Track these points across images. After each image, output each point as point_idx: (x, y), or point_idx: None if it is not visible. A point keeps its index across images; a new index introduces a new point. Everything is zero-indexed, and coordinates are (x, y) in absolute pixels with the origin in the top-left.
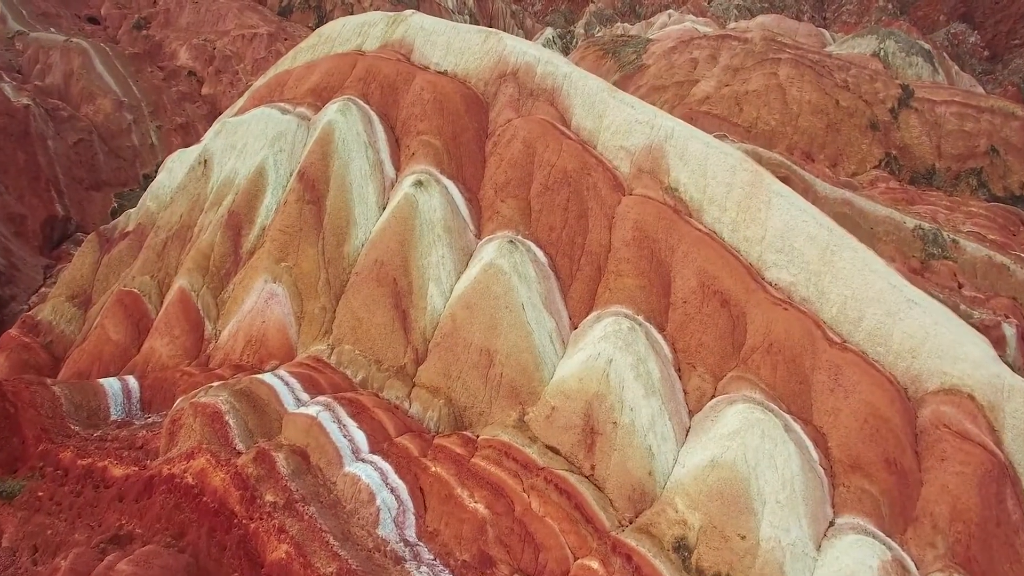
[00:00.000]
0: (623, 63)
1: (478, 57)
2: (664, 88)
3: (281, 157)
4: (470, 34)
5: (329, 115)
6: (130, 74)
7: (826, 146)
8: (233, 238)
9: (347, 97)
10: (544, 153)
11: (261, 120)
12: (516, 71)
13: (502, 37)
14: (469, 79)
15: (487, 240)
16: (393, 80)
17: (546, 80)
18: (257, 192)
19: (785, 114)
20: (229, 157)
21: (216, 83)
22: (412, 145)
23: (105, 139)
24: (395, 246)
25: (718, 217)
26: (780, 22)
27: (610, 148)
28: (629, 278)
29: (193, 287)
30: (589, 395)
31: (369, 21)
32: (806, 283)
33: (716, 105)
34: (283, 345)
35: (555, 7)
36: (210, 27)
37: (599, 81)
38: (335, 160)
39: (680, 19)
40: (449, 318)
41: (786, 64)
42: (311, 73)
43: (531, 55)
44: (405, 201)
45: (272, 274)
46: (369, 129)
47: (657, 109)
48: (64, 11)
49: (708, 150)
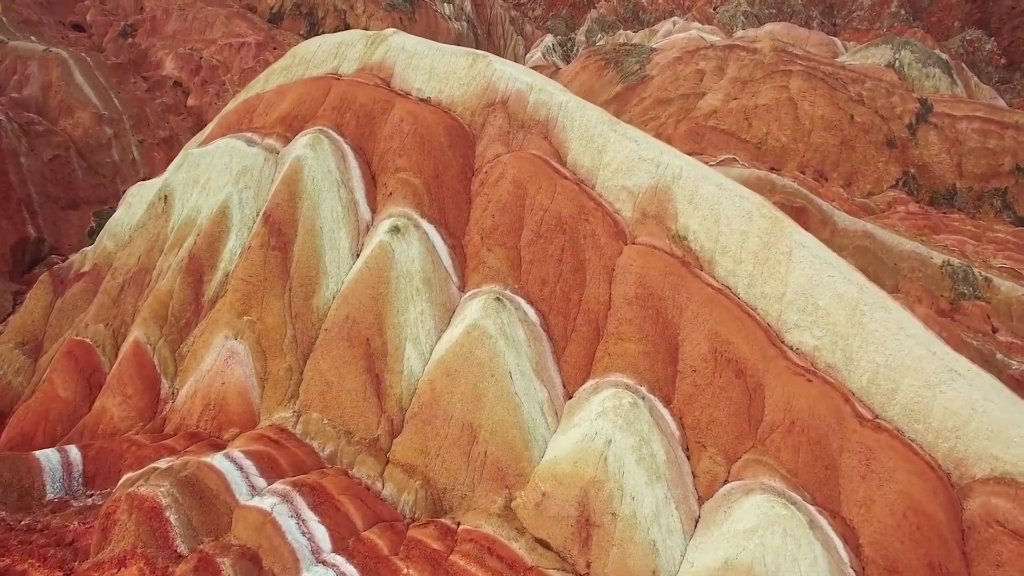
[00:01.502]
0: (626, 74)
1: (464, 83)
2: (669, 101)
3: (247, 195)
4: (455, 57)
5: (297, 150)
6: (112, 85)
7: (840, 164)
8: (194, 285)
9: (319, 128)
10: (536, 195)
11: (225, 153)
12: (506, 99)
13: (491, 61)
14: (454, 108)
15: (471, 295)
16: (370, 109)
17: (539, 110)
18: (220, 234)
19: (797, 130)
20: (191, 193)
21: (202, 94)
22: (390, 183)
23: (83, 154)
24: (368, 301)
25: (732, 270)
26: (790, 31)
27: (611, 188)
28: (631, 342)
29: (149, 339)
30: (585, 481)
31: (347, 41)
32: (832, 347)
33: (724, 120)
34: (244, 411)
35: (556, 12)
36: (197, 35)
37: (598, 112)
38: (304, 201)
39: (685, 27)
40: (428, 386)
41: (797, 76)
42: (282, 99)
43: (522, 82)
44: (380, 250)
45: (233, 329)
46: (342, 165)
47: (664, 145)
48: (48, 18)
49: (721, 193)
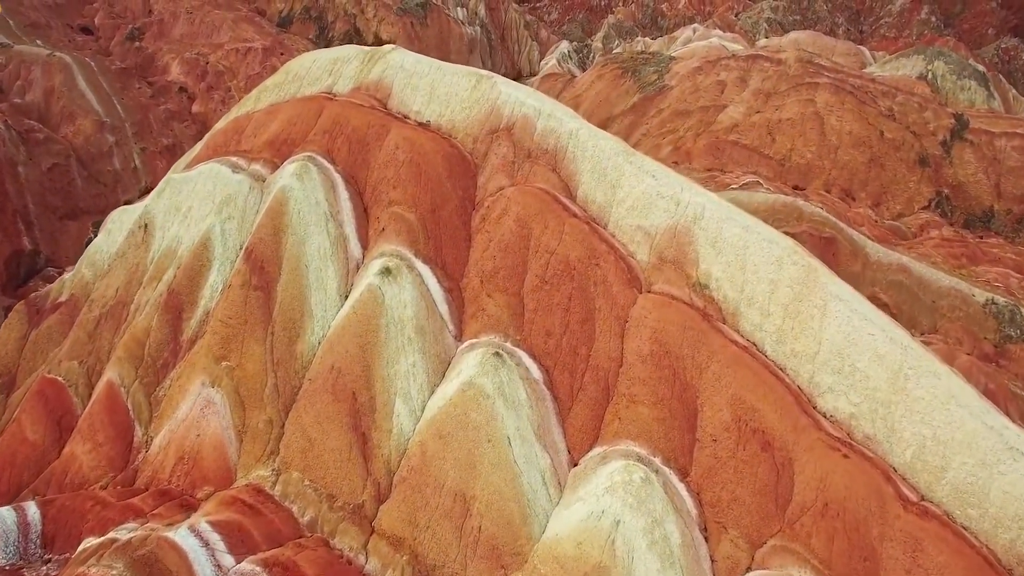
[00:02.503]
0: (643, 83)
1: (466, 106)
2: (688, 113)
3: (230, 226)
4: (458, 77)
5: (283, 179)
6: (115, 91)
7: (868, 183)
8: (172, 322)
9: (307, 155)
10: (542, 235)
11: (209, 179)
12: (511, 126)
13: (496, 82)
14: (455, 133)
15: (468, 346)
16: (364, 134)
17: (547, 138)
18: (201, 268)
19: (823, 146)
20: (172, 222)
21: (207, 100)
22: (383, 217)
23: (84, 163)
24: (355, 351)
25: (759, 324)
26: (815, 39)
27: (625, 228)
28: (644, 406)
29: (123, 381)
30: (589, 566)
31: (342, 57)
32: (872, 416)
33: (746, 134)
34: (220, 466)
35: (572, 17)
36: (204, 39)
37: (613, 141)
38: (289, 236)
39: (706, 34)
40: (418, 448)
41: (824, 89)
42: (272, 120)
43: (530, 106)
44: (369, 294)
45: (210, 376)
46: (332, 197)
47: (684, 180)
48: (56, 21)
49: (748, 236)
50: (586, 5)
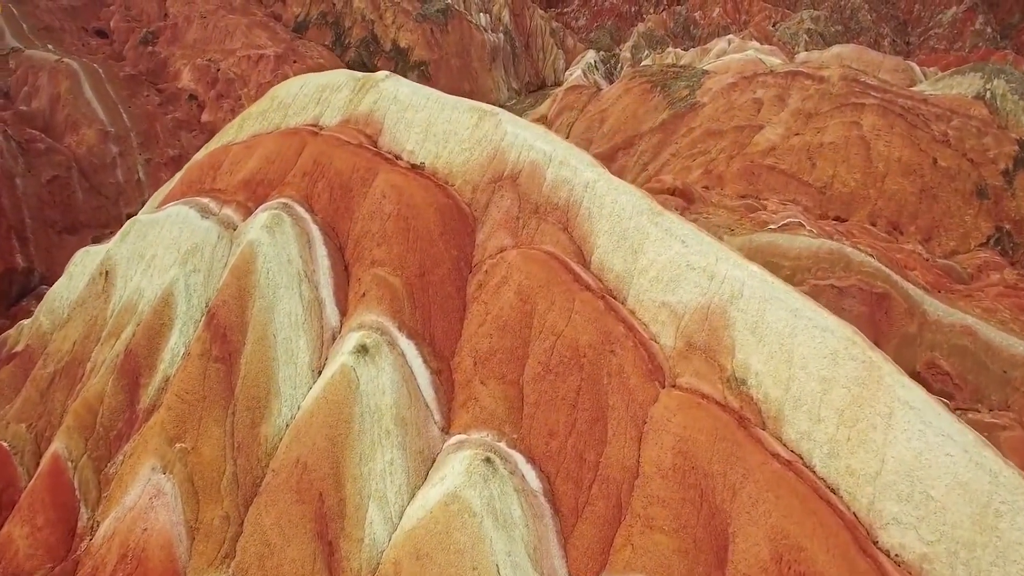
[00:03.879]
0: (674, 99)
1: (467, 147)
2: (721, 134)
3: (195, 280)
4: (457, 113)
5: (252, 232)
6: (122, 99)
7: (919, 216)
8: (129, 388)
9: (282, 202)
10: (547, 313)
11: (175, 224)
12: (517, 173)
13: (500, 120)
14: (452, 179)
15: (456, 444)
16: (347, 178)
17: (559, 190)
18: (162, 328)
19: (868, 174)
20: (135, 270)
21: (217, 109)
22: (364, 280)
23: (86, 174)
24: (324, 444)
25: (807, 432)
26: (860, 54)
27: (647, 304)
28: (663, 533)
29: (71, 454)
30: None
31: (331, 85)
32: (950, 560)
33: (783, 158)
34: (167, 569)
35: (600, 23)
36: (217, 45)
37: (636, 196)
38: (256, 299)
39: (741, 46)
40: (392, 567)
41: (871, 111)
42: (249, 155)
43: (539, 151)
44: (341, 377)
45: (162, 460)
46: (307, 253)
47: (721, 247)
48: (70, 24)
49: (796, 323)
50: (615, 11)
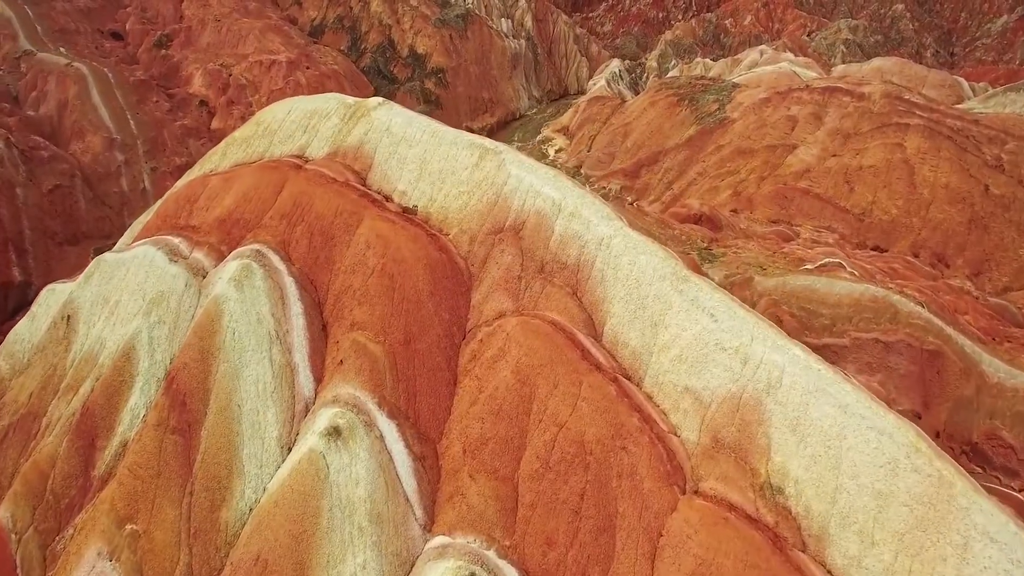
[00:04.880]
0: (701, 114)
1: (465, 190)
2: (752, 153)
3: (159, 333)
4: (456, 149)
5: (219, 286)
6: (130, 105)
7: (967, 248)
8: (83, 451)
9: (255, 249)
10: (549, 398)
11: (142, 267)
12: (520, 225)
13: (504, 160)
14: (447, 226)
15: (439, 550)
16: (329, 223)
17: (568, 247)
18: (121, 385)
19: (912, 200)
20: (99, 316)
21: (227, 116)
22: (343, 344)
23: (91, 183)
24: (287, 541)
25: (857, 557)
26: (903, 67)
27: (667, 387)
28: None
29: (16, 525)
30: None
31: (320, 111)
32: None
33: (818, 181)
34: None
35: (627, 29)
36: (230, 49)
37: (659, 257)
38: (220, 363)
39: (774, 58)
40: None
41: (916, 132)
42: (227, 189)
43: (547, 199)
44: (309, 464)
45: (109, 544)
46: (280, 310)
47: (758, 322)
48: (86, 26)
49: (846, 420)
50: (642, 17)
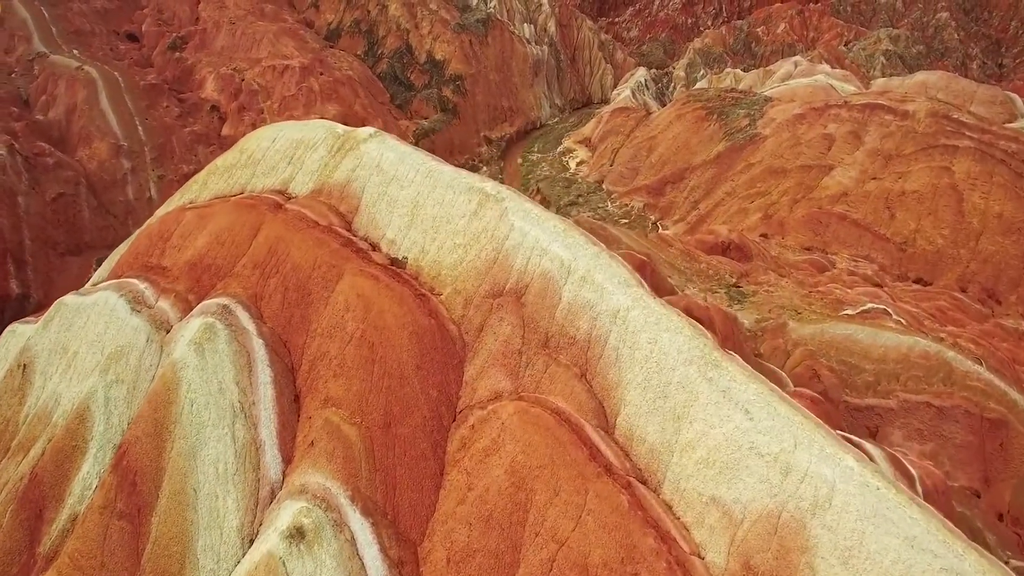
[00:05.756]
0: (731, 129)
1: (461, 242)
2: (784, 172)
3: (116, 394)
4: (453, 193)
5: (178, 350)
6: (140, 110)
7: (1022, 283)
8: (29, 524)
9: (222, 305)
10: (548, 507)
11: (102, 316)
12: (523, 288)
13: (507, 210)
14: (440, 284)
15: None
16: (306, 276)
17: (577, 318)
18: (74, 451)
19: (960, 230)
20: (56, 368)
21: (238, 122)
22: (316, 422)
23: (96, 191)
24: None
25: None
26: (949, 82)
27: (690, 496)
28: None
29: None
30: None
31: (307, 141)
32: None
33: (857, 206)
34: None
35: (654, 36)
36: (243, 53)
37: (685, 335)
38: (176, 439)
39: (809, 70)
40: None
41: (966, 155)
42: (201, 228)
43: (554, 258)
44: (267, 571)
45: None
46: (247, 378)
47: (803, 422)
48: (101, 27)
49: (914, 559)
50: (670, 23)
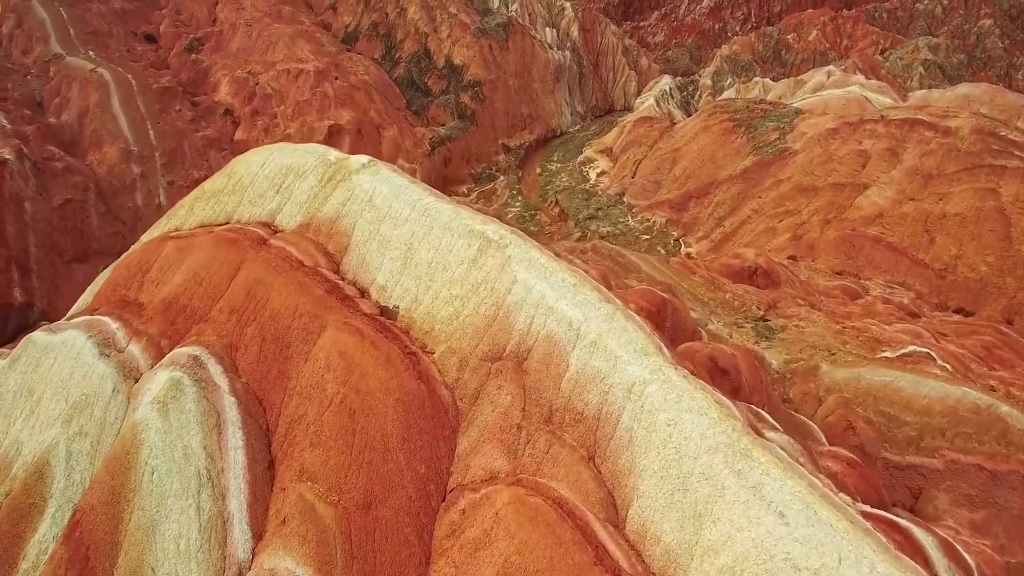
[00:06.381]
0: (759, 143)
1: (458, 294)
2: (815, 191)
3: (79, 448)
4: (451, 237)
5: (141, 410)
6: (152, 114)
7: None
8: None
9: (192, 356)
10: None
11: (68, 359)
12: (525, 353)
13: (510, 259)
14: (433, 340)
15: None
16: (285, 328)
17: (586, 391)
18: (31, 509)
19: (1007, 257)
20: (20, 412)
21: (251, 127)
22: (289, 495)
23: (105, 196)
24: None
25: None
26: (994, 95)
27: None
28: None
29: None
30: None
31: (297, 168)
32: None
33: (893, 229)
34: None
35: (680, 41)
36: (259, 55)
37: (710, 418)
38: (134, 510)
39: (843, 80)
40: None
41: (1014, 176)
42: (181, 262)
43: (562, 317)
44: None
45: None
46: (215, 441)
47: (848, 529)
48: (119, 28)
49: None
50: (697, 28)
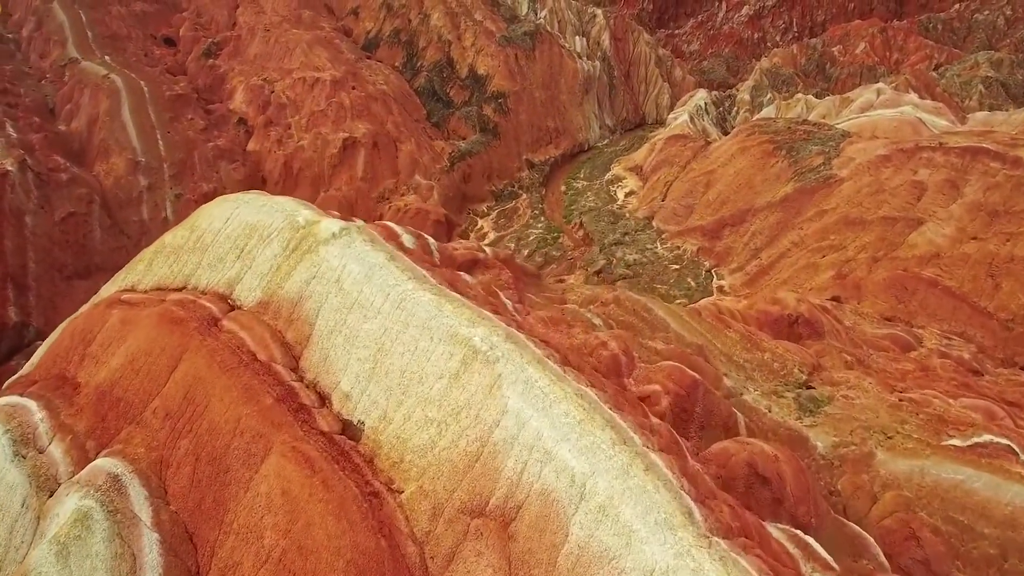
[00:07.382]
0: (802, 169)
1: (435, 418)
2: (863, 224)
3: None
4: (429, 340)
5: (37, 553)
6: (162, 122)
7: None
8: None
9: (109, 476)
10: None
11: None
12: (513, 511)
13: (500, 378)
14: (402, 476)
15: None
16: (224, 447)
17: (587, 568)
18: None
19: None
20: None
21: (264, 138)
22: None
23: (110, 209)
24: None
25: None
26: None
27: None
28: None
29: None
30: None
31: (261, 229)
32: None
33: (951, 271)
34: None
35: (716, 50)
36: (276, 62)
37: None
38: None
39: (894, 99)
40: None
41: None
42: (122, 339)
43: (563, 465)
44: None
45: None
46: None
47: None
48: (138, 32)
49: None
50: (735, 37)
